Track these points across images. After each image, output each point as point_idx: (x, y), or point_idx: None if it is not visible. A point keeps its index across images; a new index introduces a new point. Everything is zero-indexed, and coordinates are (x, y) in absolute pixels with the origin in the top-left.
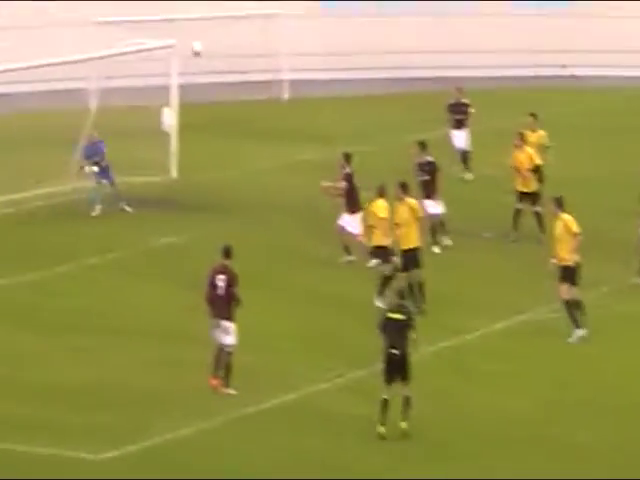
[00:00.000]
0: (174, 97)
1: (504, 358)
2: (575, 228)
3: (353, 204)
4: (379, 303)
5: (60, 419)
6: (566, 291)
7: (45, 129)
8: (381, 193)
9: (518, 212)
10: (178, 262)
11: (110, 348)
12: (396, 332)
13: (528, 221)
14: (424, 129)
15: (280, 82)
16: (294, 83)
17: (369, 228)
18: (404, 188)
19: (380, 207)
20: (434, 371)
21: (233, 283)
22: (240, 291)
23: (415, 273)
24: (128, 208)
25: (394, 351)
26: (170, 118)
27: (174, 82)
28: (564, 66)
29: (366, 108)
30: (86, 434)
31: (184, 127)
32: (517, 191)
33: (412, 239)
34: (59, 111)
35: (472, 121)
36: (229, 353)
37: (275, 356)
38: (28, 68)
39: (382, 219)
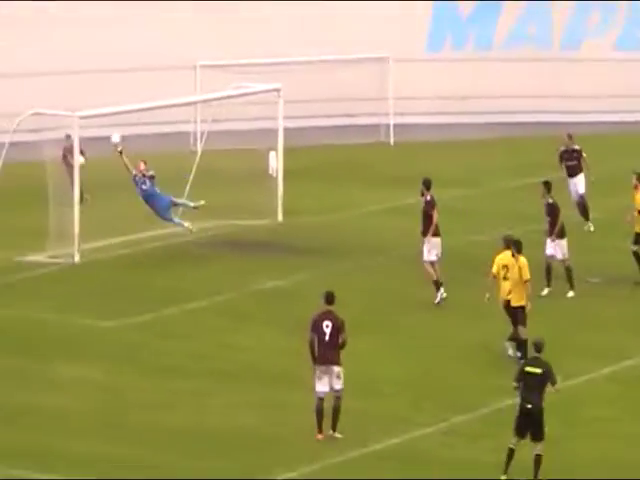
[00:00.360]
0: (280, 140)
1: (611, 403)
2: None
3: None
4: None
5: (165, 462)
6: None
7: (155, 172)
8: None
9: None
10: (284, 305)
11: (214, 391)
12: (532, 386)
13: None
14: (529, 174)
15: (387, 126)
16: (400, 127)
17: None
18: (518, 246)
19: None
20: None
21: (340, 329)
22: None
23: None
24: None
25: (528, 405)
26: (276, 161)
27: (280, 125)
28: None
29: (473, 152)
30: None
31: (290, 170)
32: (636, 233)
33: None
34: (167, 154)
35: (586, 166)
36: (338, 398)
37: (379, 400)
38: (136, 111)
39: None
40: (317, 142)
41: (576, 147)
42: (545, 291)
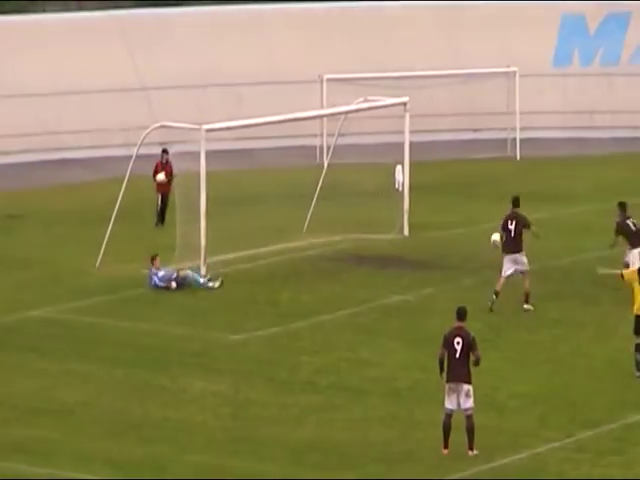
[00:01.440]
0: (406, 154)
1: None
2: None
3: None
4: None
5: (290, 476)
6: None
7: (280, 185)
8: None
9: None
10: (410, 319)
11: (342, 406)
12: None
13: None
14: None
15: (514, 140)
16: (527, 141)
17: None
18: None
19: None
20: None
21: (472, 346)
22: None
23: None
24: None
25: None
26: (402, 175)
27: (407, 139)
28: None
29: (600, 167)
30: None
31: (416, 185)
32: None
33: None
34: (293, 167)
35: None
36: (469, 417)
37: (505, 415)
38: (263, 124)
39: None
40: (443, 156)
41: None
42: None
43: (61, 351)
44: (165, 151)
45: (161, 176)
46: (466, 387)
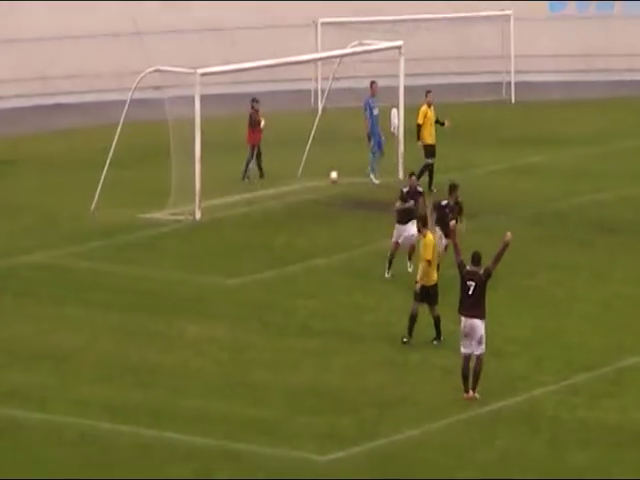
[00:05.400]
0: (401, 98)
1: None
2: None
3: None
4: None
5: (287, 420)
6: None
7: (275, 130)
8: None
9: None
10: (405, 264)
11: (337, 350)
12: None
13: None
14: None
15: (508, 84)
16: (522, 85)
17: None
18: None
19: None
20: None
21: (485, 284)
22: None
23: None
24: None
25: None
26: (398, 119)
27: (401, 83)
28: None
29: (596, 111)
30: (313, 435)
31: (412, 129)
32: None
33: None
34: (288, 112)
35: None
36: (479, 358)
37: (501, 359)
38: (257, 68)
39: None
40: (438, 100)
41: None
42: None
43: (56, 296)
44: (255, 100)
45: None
46: (479, 332)
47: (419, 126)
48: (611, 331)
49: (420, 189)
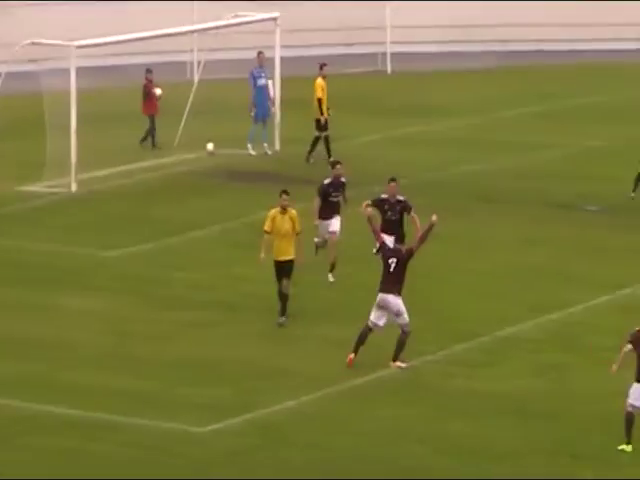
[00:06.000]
0: (277, 70)
1: (610, 332)
2: None
3: None
4: None
5: (167, 392)
6: None
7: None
8: None
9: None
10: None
11: (216, 321)
12: None
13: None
14: (531, 103)
15: (384, 55)
16: (399, 56)
17: None
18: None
19: None
20: (541, 345)
21: (406, 263)
22: (351, 266)
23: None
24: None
25: None
26: (274, 91)
27: (277, 55)
28: None
29: (473, 81)
30: (192, 407)
31: (287, 100)
32: None
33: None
34: (164, 83)
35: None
36: (404, 330)
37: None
38: (133, 40)
39: None
40: (315, 72)
41: None
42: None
43: None
44: (149, 70)
45: (158, 90)
46: (395, 306)
47: (319, 100)
48: (489, 300)
49: (343, 179)
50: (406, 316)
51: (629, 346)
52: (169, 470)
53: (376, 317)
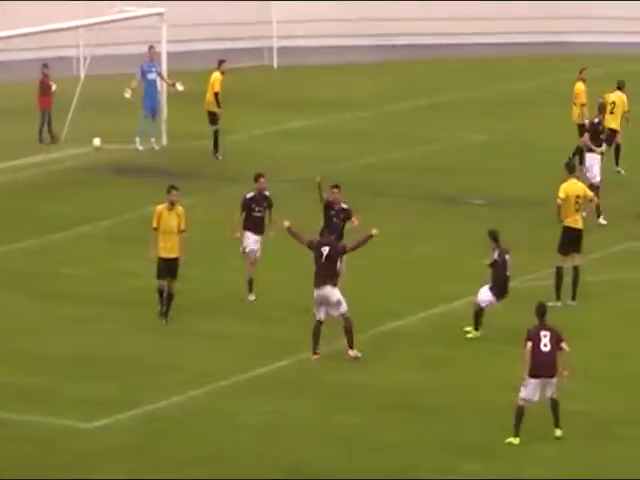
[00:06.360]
0: (164, 64)
1: (494, 325)
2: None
3: None
4: None
5: (53, 388)
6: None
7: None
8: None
9: None
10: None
11: (104, 317)
12: None
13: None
14: (419, 96)
15: (270, 49)
16: (283, 50)
17: None
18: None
19: None
20: (426, 339)
21: (339, 256)
22: (236, 262)
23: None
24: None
25: None
26: (161, 85)
27: (164, 50)
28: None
29: (361, 75)
30: (79, 403)
31: (175, 94)
32: None
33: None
34: (52, 79)
35: None
36: (346, 318)
37: (266, 324)
38: (18, 36)
39: None
40: (201, 66)
41: None
42: None
43: None
44: (45, 65)
45: (54, 86)
46: (333, 297)
47: (217, 94)
48: (375, 295)
49: (267, 193)
50: (345, 304)
51: (529, 344)
52: (56, 466)
53: (319, 312)
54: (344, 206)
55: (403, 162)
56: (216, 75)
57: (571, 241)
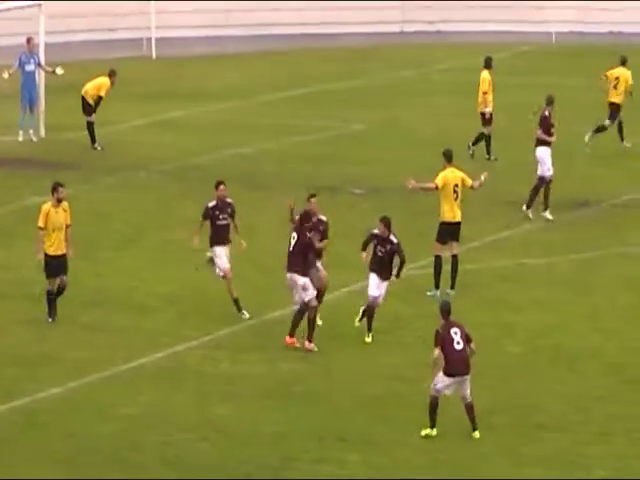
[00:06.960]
0: (42, 56)
1: (376, 315)
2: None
3: None
4: None
5: None
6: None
7: None
8: None
9: None
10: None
11: None
12: None
13: None
14: (292, 86)
15: (149, 40)
16: (162, 41)
17: None
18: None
19: None
20: (305, 328)
21: (311, 245)
22: (112, 252)
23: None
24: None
25: None
26: (39, 77)
27: (42, 41)
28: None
29: (236, 65)
30: None
31: (52, 86)
32: None
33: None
34: None
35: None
36: (313, 307)
37: (143, 314)
38: None
39: None
40: (80, 57)
41: None
42: None
43: None
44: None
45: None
46: (300, 280)
47: (100, 98)
48: (255, 284)
49: (230, 200)
50: (310, 291)
51: (437, 350)
52: None
53: (293, 296)
54: (322, 218)
55: (280, 152)
56: (105, 81)
57: (450, 232)
